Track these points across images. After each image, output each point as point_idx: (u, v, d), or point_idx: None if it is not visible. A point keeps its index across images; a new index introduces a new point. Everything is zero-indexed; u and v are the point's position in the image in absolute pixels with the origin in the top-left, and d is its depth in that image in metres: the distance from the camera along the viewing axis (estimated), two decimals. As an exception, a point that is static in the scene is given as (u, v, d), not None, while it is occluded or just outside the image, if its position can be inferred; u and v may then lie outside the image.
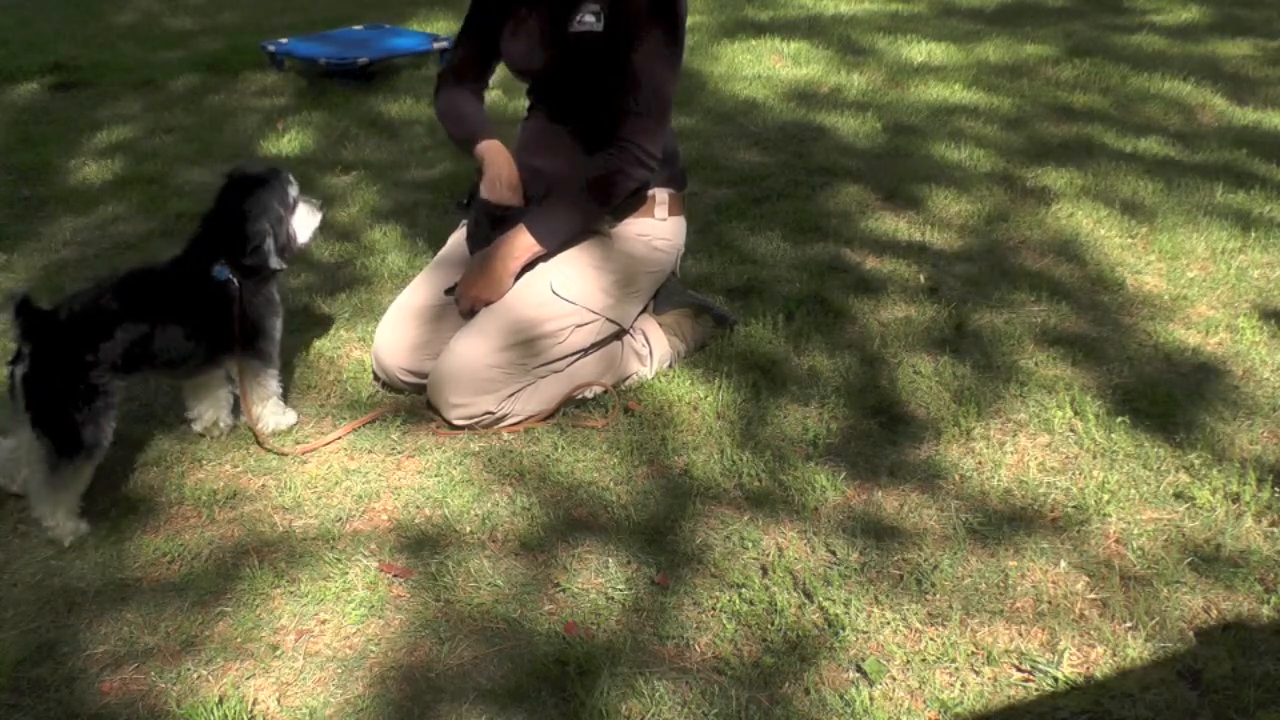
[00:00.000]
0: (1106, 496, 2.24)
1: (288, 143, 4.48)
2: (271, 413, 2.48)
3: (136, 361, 2.19)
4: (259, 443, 2.44)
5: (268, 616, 1.98)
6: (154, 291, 2.28)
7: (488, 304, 2.50)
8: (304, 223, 2.44)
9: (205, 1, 7.41)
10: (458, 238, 2.76)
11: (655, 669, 1.84)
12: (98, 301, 2.19)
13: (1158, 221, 3.56)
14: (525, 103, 2.75)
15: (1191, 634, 1.90)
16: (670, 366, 2.76)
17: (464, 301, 2.54)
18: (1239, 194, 3.77)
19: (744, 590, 2.01)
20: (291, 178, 2.43)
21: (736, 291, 3.14)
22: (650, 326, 2.75)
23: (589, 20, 2.42)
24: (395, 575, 2.07)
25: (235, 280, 2.30)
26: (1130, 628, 1.92)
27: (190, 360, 2.33)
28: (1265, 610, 1.95)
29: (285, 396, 2.55)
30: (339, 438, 2.49)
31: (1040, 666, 1.83)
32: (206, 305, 2.30)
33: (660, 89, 2.43)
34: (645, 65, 2.40)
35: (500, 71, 2.75)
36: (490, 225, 2.56)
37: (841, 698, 1.78)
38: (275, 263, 2.35)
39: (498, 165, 2.56)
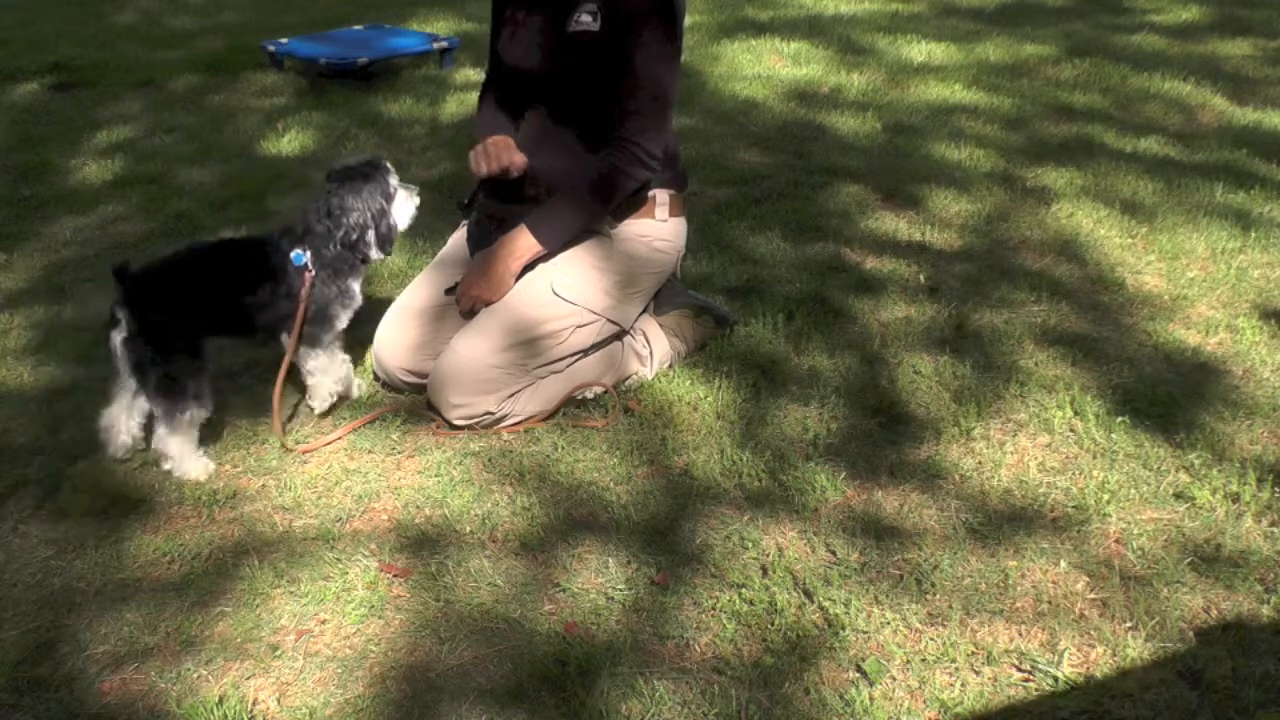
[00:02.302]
0: (1106, 496, 2.24)
1: (288, 143, 4.48)
2: (323, 384, 2.54)
3: (220, 326, 2.37)
4: (273, 429, 2.44)
5: (268, 616, 1.98)
6: (242, 263, 2.42)
7: (488, 304, 2.50)
8: (403, 209, 2.54)
9: (205, 1, 7.41)
10: (458, 238, 2.76)
11: (655, 669, 1.84)
12: (189, 268, 2.35)
13: (1158, 221, 3.56)
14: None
15: (1191, 634, 1.90)
16: (670, 367, 2.76)
17: (464, 301, 2.54)
18: (1239, 194, 3.77)
19: (744, 590, 2.01)
20: (390, 165, 2.53)
21: (736, 291, 3.14)
22: (651, 327, 2.75)
23: (586, 20, 2.41)
24: (395, 575, 2.07)
25: (311, 268, 2.40)
26: (1130, 628, 1.92)
27: (259, 331, 2.45)
28: (1265, 610, 1.95)
29: (284, 397, 2.55)
30: (339, 438, 2.49)
31: (1040, 666, 1.83)
32: (283, 284, 2.41)
33: (660, 88, 2.43)
34: (644, 65, 2.40)
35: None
36: (491, 226, 2.56)
37: (841, 698, 1.78)
38: (375, 254, 2.49)
39: (494, 138, 2.55)
